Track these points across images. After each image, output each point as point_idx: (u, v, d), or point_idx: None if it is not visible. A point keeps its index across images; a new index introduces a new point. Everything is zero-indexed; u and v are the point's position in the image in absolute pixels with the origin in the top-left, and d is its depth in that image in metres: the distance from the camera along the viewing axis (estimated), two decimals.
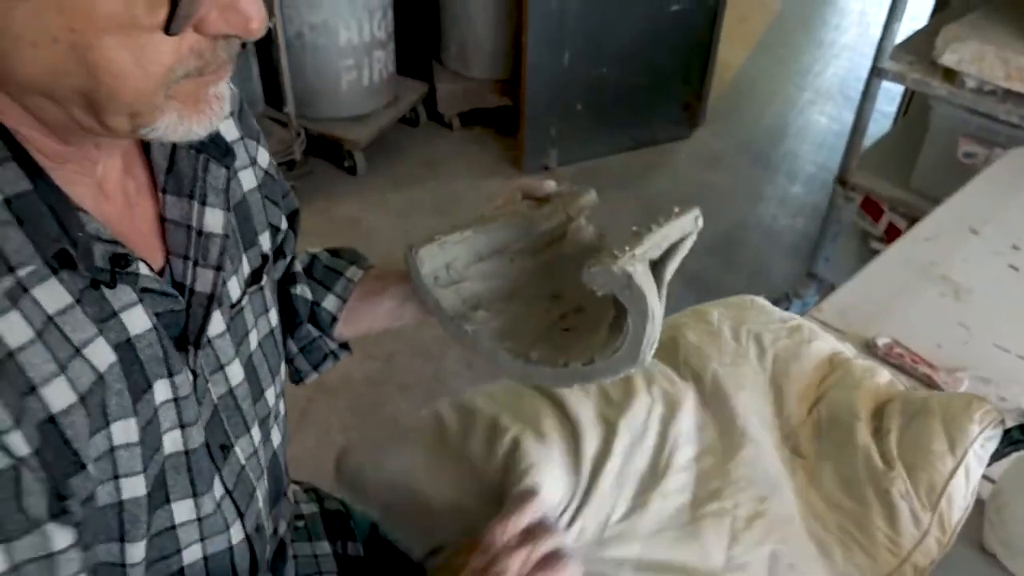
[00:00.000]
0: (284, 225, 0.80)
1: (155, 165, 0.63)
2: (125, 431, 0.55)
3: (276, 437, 0.77)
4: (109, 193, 0.59)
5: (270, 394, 0.74)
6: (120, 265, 0.55)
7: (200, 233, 0.63)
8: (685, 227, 0.66)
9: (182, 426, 0.61)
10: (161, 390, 0.58)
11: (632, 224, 0.64)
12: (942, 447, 0.79)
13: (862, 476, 0.79)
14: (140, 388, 0.57)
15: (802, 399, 0.87)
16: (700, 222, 0.67)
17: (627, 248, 0.62)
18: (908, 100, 2.51)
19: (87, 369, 0.52)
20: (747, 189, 2.95)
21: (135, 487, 0.57)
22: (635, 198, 2.83)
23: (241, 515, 0.68)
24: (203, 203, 0.63)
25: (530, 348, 0.71)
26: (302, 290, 0.86)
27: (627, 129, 3.02)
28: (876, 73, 1.85)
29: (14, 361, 0.48)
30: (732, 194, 2.91)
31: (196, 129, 0.52)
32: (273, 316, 0.76)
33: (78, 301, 0.52)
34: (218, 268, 0.63)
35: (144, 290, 0.57)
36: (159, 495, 0.60)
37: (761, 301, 1.02)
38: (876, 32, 3.40)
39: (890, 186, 1.98)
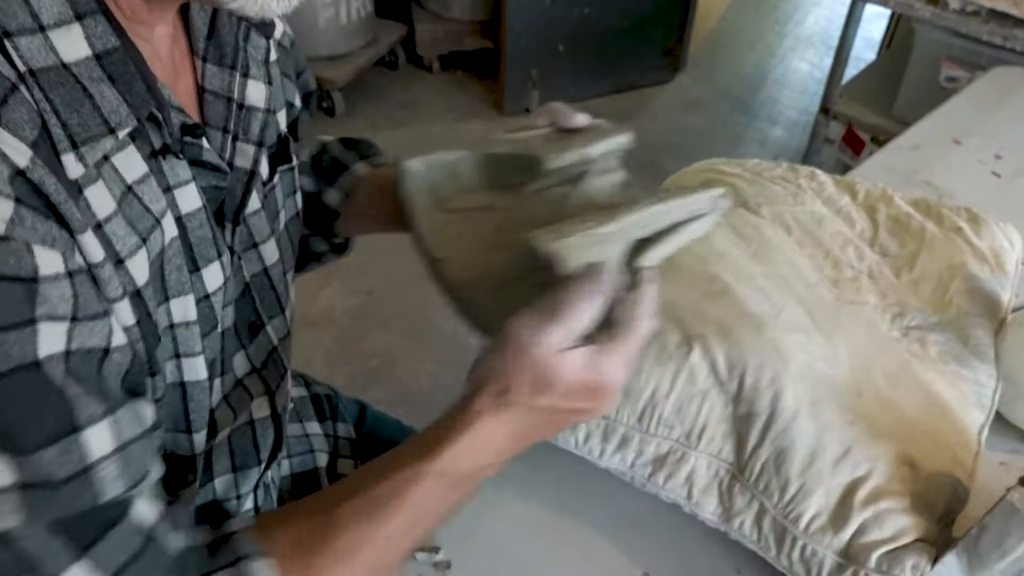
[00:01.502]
0: (298, 103, 0.76)
1: (194, 30, 0.58)
2: (183, 309, 0.54)
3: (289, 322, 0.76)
4: (163, 60, 0.55)
5: (289, 277, 0.72)
6: (193, 135, 0.52)
7: (241, 106, 0.60)
8: (696, 205, 0.58)
9: (224, 305, 0.60)
10: (213, 273, 0.57)
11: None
12: None
13: None
14: (194, 266, 0.55)
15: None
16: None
17: (567, 230, 0.54)
18: (891, 35, 2.51)
19: (159, 242, 0.51)
20: (727, 133, 2.95)
21: (196, 369, 0.57)
22: None
23: (271, 393, 0.68)
24: (245, 75, 0.60)
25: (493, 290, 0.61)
26: (304, 181, 0.82)
27: (609, 72, 3.00)
28: None
29: (103, 233, 0.46)
30: (712, 137, 2.91)
31: (275, 5, 0.49)
32: (299, 199, 0.74)
33: (150, 171, 0.50)
34: (259, 144, 0.61)
35: (193, 163, 0.54)
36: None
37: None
38: None
39: (872, 114, 1.99)
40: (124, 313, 0.47)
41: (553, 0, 2.69)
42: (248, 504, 0.72)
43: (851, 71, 2.26)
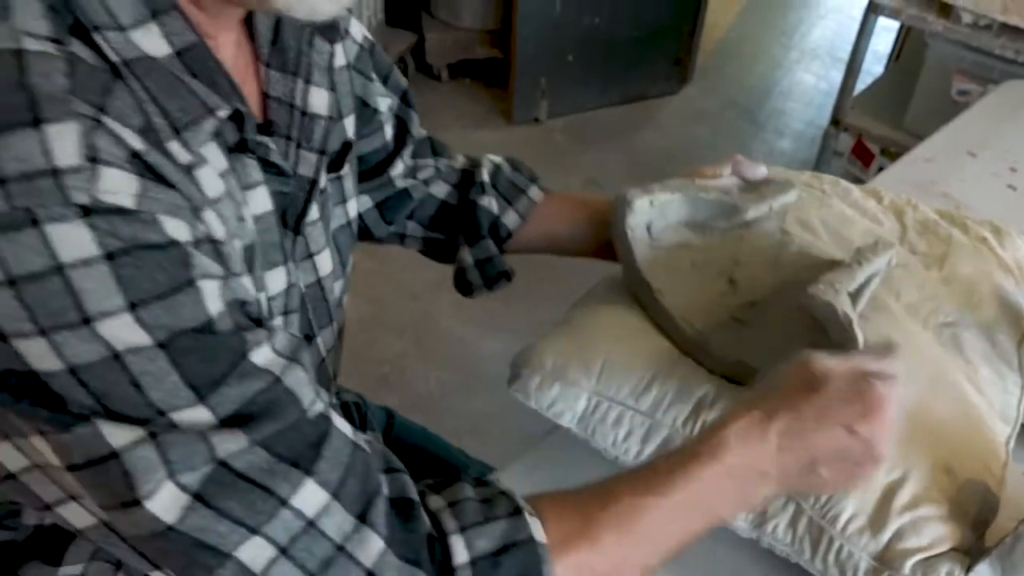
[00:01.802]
0: (384, 107, 0.76)
1: (259, 36, 0.58)
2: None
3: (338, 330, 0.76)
4: (229, 65, 0.55)
5: (339, 286, 0.72)
6: (267, 132, 0.53)
7: (304, 114, 0.60)
8: (879, 265, 0.71)
9: (285, 313, 0.60)
10: (276, 278, 0.57)
11: (622, 177, 0.66)
12: None
13: None
14: (260, 269, 0.55)
15: None
16: (894, 261, 0.75)
17: (839, 282, 0.66)
18: (899, 48, 2.52)
19: (247, 235, 0.51)
20: (734, 144, 2.96)
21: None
22: (624, 151, 2.83)
23: None
24: (308, 81, 0.60)
25: (702, 322, 0.72)
26: (488, 202, 0.83)
27: (617, 82, 3.01)
28: (873, 9, 1.86)
29: (218, 212, 0.47)
30: (719, 148, 2.91)
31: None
32: (352, 208, 0.73)
33: (230, 167, 0.51)
34: (321, 152, 0.61)
35: (263, 163, 0.54)
36: None
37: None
38: None
39: (883, 126, 2.00)
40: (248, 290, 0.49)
41: (563, 9, 2.70)
42: None
43: (859, 84, 2.28)
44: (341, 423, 0.49)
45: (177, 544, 0.43)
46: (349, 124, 0.70)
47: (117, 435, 0.41)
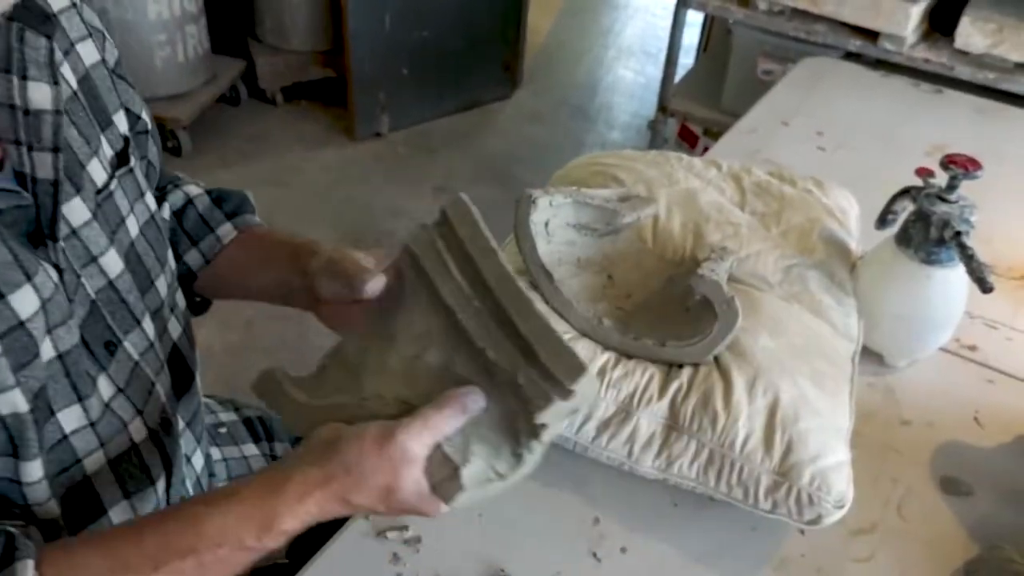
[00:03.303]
0: (145, 115, 0.74)
1: None
2: None
3: (176, 329, 0.74)
4: None
5: (160, 284, 0.70)
6: None
7: (27, 112, 0.56)
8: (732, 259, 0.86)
9: (50, 330, 0.56)
10: (25, 298, 0.54)
11: (469, 181, 0.71)
12: None
13: None
14: None
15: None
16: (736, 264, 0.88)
17: (714, 269, 0.80)
18: (707, 39, 2.75)
19: None
20: (569, 139, 3.12)
21: (13, 403, 0.54)
22: (468, 156, 2.92)
23: (140, 412, 0.66)
24: (23, 77, 0.56)
25: (592, 309, 0.79)
26: (174, 237, 0.79)
27: (452, 91, 3.09)
28: (683, 3, 2.03)
29: None
30: (556, 145, 3.06)
31: None
32: (150, 200, 0.71)
33: None
34: (55, 150, 0.57)
35: None
36: (43, 408, 0.57)
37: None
38: None
39: (703, 109, 2.18)
40: None
41: (392, 25, 2.75)
42: None
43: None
44: None
45: None
46: (120, 121, 0.68)
47: None
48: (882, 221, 0.94)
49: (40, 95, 0.57)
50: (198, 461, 0.79)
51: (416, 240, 0.64)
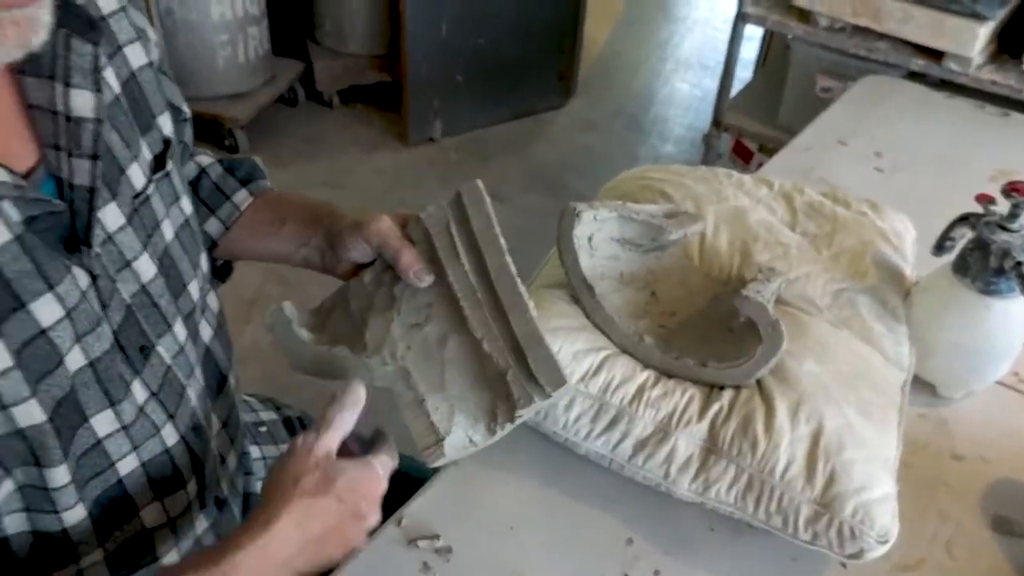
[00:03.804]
0: (187, 110, 0.75)
1: None
2: None
3: (207, 332, 0.74)
4: None
5: (193, 288, 0.70)
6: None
7: (69, 119, 0.57)
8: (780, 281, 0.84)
9: (79, 337, 0.56)
10: (46, 306, 0.54)
11: (521, 189, 0.71)
12: None
13: None
14: (7, 308, 0.52)
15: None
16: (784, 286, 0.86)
17: (759, 291, 0.77)
18: (765, 53, 2.71)
19: None
20: (622, 151, 3.10)
21: (30, 414, 0.54)
22: (520, 164, 2.92)
23: (172, 416, 0.66)
24: (67, 84, 0.57)
25: (634, 326, 0.78)
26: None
27: (506, 99, 3.10)
28: (741, 18, 2.00)
29: None
30: (609, 155, 3.05)
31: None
32: (186, 204, 0.71)
33: None
34: (94, 157, 0.57)
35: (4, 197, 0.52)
36: (73, 416, 0.57)
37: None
38: (725, 6, 3.61)
39: (758, 125, 2.15)
40: None
41: (449, 32, 2.77)
42: (202, 524, 0.72)
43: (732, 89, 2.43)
44: None
45: None
46: (165, 123, 0.68)
47: None
48: (939, 248, 0.91)
49: (82, 102, 0.58)
50: (232, 461, 0.80)
51: (430, 218, 0.71)
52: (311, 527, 0.58)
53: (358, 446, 0.67)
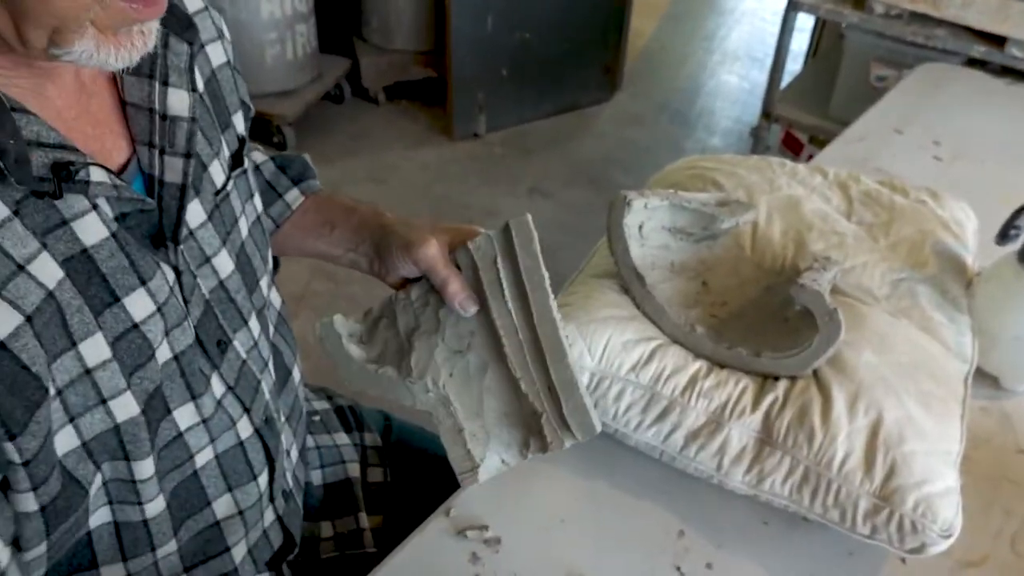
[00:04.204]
0: (252, 107, 0.76)
1: None
2: (95, 349, 0.52)
3: (271, 327, 0.75)
4: (59, 81, 0.53)
5: (264, 283, 0.71)
6: (64, 175, 0.49)
7: (164, 117, 0.58)
8: (836, 270, 0.82)
9: (167, 331, 0.58)
10: (139, 301, 0.55)
11: (565, 183, 0.70)
12: None
13: None
14: (103, 302, 0.53)
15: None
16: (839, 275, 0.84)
17: (816, 279, 0.76)
18: (816, 44, 2.66)
19: (32, 287, 0.48)
20: (668, 144, 3.07)
21: (126, 407, 0.55)
22: (564, 159, 2.91)
23: (247, 410, 0.67)
24: (164, 83, 0.58)
25: (685, 316, 0.78)
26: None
27: (551, 94, 3.09)
28: (793, 6, 1.96)
29: None
30: (654, 149, 3.01)
31: (112, 61, 0.49)
32: (258, 201, 0.73)
33: (15, 213, 0.48)
34: (187, 155, 0.58)
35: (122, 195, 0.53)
36: (159, 408, 0.58)
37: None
38: None
39: (810, 116, 2.10)
40: None
41: (494, 27, 2.77)
42: (270, 516, 0.73)
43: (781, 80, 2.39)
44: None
45: None
46: (238, 121, 0.69)
47: None
48: (1003, 236, 0.88)
49: (178, 100, 0.58)
50: (295, 453, 0.80)
51: (479, 251, 0.71)
52: None
53: None
